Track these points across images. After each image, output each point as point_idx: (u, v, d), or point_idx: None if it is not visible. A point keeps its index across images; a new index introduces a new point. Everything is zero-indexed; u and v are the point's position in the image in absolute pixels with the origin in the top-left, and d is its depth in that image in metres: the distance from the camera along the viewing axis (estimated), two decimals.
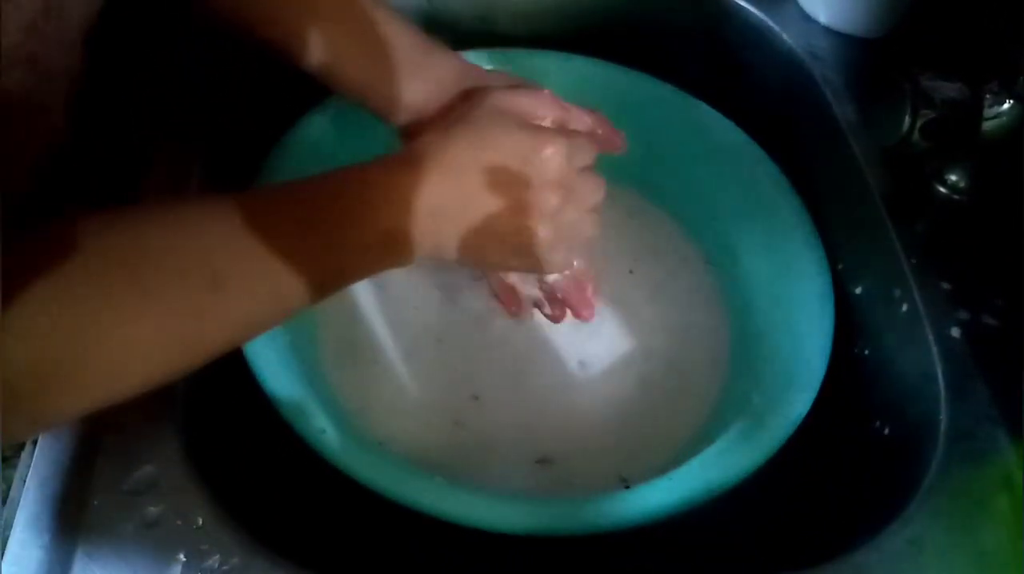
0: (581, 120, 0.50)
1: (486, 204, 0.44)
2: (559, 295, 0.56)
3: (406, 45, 0.51)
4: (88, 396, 0.36)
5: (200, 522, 0.41)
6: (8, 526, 0.40)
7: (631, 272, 0.63)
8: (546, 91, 0.50)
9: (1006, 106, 0.53)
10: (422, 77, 0.51)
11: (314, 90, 0.54)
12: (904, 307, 0.52)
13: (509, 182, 0.44)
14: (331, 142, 0.60)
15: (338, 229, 0.42)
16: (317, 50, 0.50)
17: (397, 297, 0.59)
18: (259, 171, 0.56)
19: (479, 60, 0.62)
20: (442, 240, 0.45)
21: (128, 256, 0.36)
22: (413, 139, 0.47)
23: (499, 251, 0.46)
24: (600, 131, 0.52)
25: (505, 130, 0.45)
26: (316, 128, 0.60)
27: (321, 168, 0.51)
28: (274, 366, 0.47)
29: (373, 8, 0.51)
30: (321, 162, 0.57)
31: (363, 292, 0.59)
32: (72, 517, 0.41)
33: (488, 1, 0.71)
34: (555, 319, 0.58)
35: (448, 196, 0.44)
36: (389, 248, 0.44)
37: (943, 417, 0.47)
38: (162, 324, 0.36)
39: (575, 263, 0.53)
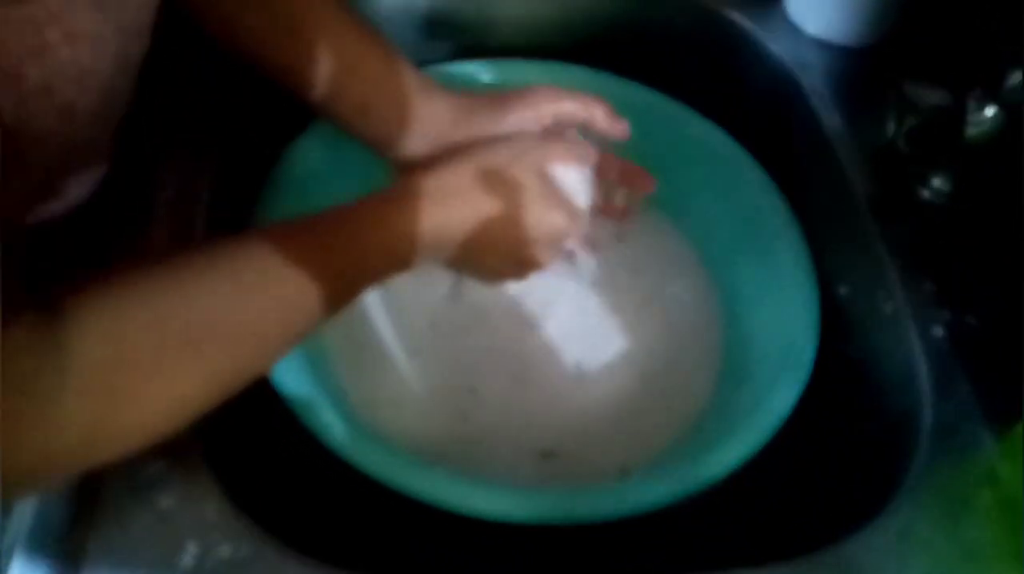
0: (591, 108, 0.54)
1: (488, 248, 0.48)
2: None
3: (403, 83, 0.51)
4: (127, 448, 0.36)
5: (211, 514, 0.42)
6: (21, 520, 0.40)
7: (631, 273, 0.64)
8: (583, 143, 0.52)
9: (989, 113, 0.53)
10: (418, 115, 0.52)
11: None
12: (889, 307, 0.53)
13: (518, 240, 0.48)
14: (337, 152, 0.60)
15: (352, 261, 0.44)
16: (314, 83, 0.50)
17: (403, 293, 0.60)
18: (267, 179, 0.57)
19: (479, 70, 0.63)
20: (439, 261, 0.49)
21: (179, 318, 0.36)
22: (409, 172, 0.49)
23: (483, 278, 0.52)
24: (603, 120, 0.54)
25: (536, 202, 0.48)
26: (322, 138, 0.60)
27: (325, 174, 0.52)
28: (284, 362, 0.48)
29: (371, 42, 0.51)
30: (328, 166, 0.58)
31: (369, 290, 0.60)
32: (85, 510, 0.41)
33: (488, 12, 0.71)
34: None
35: (457, 233, 0.47)
36: (395, 271, 0.47)
37: (927, 413, 0.48)
38: (209, 380, 0.38)
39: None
